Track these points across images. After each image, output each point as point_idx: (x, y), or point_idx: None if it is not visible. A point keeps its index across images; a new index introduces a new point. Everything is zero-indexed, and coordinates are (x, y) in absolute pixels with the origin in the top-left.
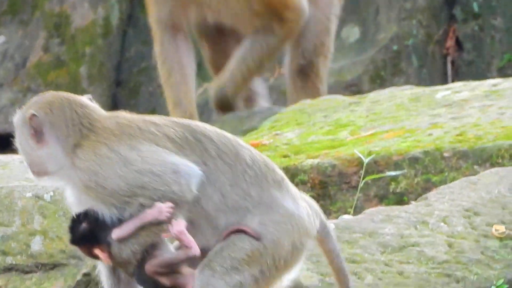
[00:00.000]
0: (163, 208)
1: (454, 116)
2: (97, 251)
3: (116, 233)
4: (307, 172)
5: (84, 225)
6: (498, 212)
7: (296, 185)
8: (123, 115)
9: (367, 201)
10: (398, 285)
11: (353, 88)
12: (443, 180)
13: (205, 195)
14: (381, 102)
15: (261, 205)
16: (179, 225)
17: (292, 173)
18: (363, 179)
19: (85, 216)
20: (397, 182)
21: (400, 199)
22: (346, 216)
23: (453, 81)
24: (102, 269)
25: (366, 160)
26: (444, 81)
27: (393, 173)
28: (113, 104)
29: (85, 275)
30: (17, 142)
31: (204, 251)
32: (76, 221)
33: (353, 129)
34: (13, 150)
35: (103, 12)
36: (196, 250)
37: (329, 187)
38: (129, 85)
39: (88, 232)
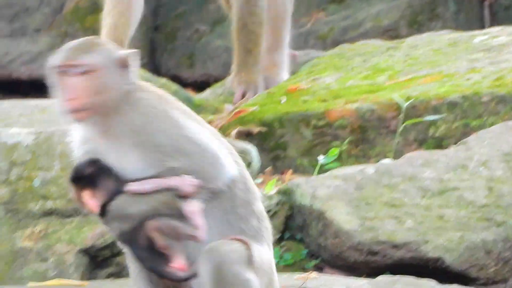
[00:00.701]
0: (188, 181)
1: (492, 61)
2: (86, 195)
3: (132, 186)
4: (346, 117)
5: (89, 167)
6: None
7: (335, 129)
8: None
9: (407, 145)
10: (438, 229)
11: (391, 33)
12: (482, 124)
13: (226, 196)
14: (419, 47)
15: (256, 236)
16: (194, 205)
17: (331, 118)
18: (402, 123)
19: (93, 161)
20: (436, 127)
21: (440, 143)
22: (385, 161)
23: (490, 26)
24: None
25: (405, 105)
26: (481, 26)
27: (432, 117)
28: (151, 49)
29: None
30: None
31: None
32: (83, 162)
33: (391, 74)
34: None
35: None
36: (202, 235)
37: (368, 131)
38: (166, 29)
39: (90, 174)
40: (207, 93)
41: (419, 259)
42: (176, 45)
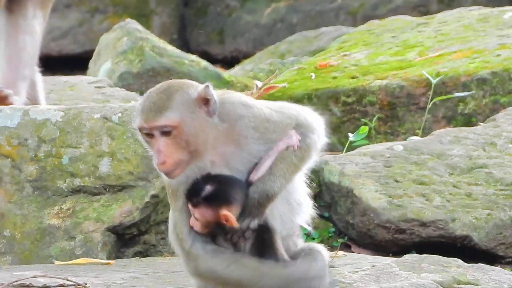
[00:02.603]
0: (293, 135)
1: None
2: (225, 211)
3: (254, 176)
4: (375, 93)
5: (211, 185)
6: None
7: (364, 106)
8: None
9: (435, 122)
10: (466, 206)
11: (421, 9)
12: (511, 101)
13: None
14: (449, 22)
15: None
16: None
17: (361, 94)
18: (431, 100)
19: (213, 177)
20: (465, 103)
21: (468, 120)
22: (414, 138)
23: None
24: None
25: (434, 81)
26: (511, 1)
27: (461, 94)
28: (181, 25)
29: (153, 196)
30: None
31: None
32: (200, 182)
33: (421, 50)
34: (81, 71)
35: None
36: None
37: (397, 108)
38: (196, 5)
39: (217, 191)
40: (236, 70)
41: (446, 237)
42: (207, 21)
